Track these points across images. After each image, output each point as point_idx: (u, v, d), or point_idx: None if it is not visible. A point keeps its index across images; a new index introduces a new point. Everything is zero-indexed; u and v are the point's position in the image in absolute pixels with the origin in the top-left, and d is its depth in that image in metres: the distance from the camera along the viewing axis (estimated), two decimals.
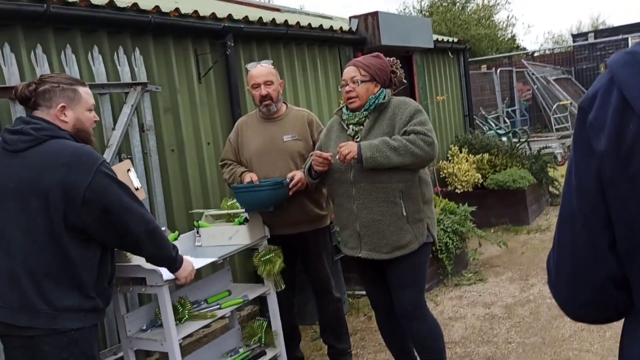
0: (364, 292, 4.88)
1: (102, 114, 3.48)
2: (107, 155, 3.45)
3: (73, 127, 2.22)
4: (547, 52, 20.30)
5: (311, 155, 3.01)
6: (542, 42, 27.58)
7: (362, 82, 2.89)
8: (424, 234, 2.89)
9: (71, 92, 2.22)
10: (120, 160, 3.58)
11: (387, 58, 3.05)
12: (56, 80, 2.22)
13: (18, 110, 2.89)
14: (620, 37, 15.51)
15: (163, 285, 2.72)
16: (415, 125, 2.80)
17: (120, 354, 3.18)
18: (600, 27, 25.31)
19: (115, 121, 3.54)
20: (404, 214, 2.82)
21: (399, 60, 3.09)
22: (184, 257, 2.60)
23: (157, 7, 3.87)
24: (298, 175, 3.24)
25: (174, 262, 2.49)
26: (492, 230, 6.58)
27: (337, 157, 2.82)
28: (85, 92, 2.28)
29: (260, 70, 3.36)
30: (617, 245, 0.89)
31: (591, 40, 17.08)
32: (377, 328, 4.21)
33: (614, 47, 16.35)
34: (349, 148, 2.78)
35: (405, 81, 3.12)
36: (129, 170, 2.92)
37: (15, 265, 2.11)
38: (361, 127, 2.92)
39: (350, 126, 2.95)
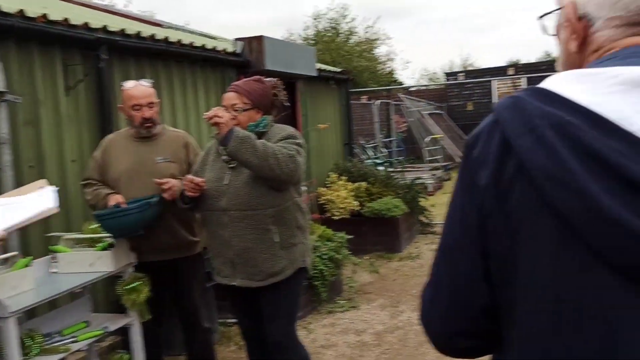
0: (236, 321, 4.76)
1: None
2: None
3: None
4: (423, 88, 21.58)
5: (184, 180, 2.89)
6: (419, 78, 29.36)
7: (244, 110, 2.83)
8: (298, 259, 2.87)
9: None
10: None
11: (269, 79, 3.02)
12: None
13: None
14: (486, 79, 16.89)
15: (8, 317, 2.45)
16: (282, 143, 2.79)
17: None
18: (470, 68, 27.42)
19: None
20: (277, 240, 2.78)
21: (281, 82, 3.06)
22: None
23: (21, 10, 3.56)
24: (172, 182, 3.06)
25: None
26: (366, 257, 6.74)
27: (204, 115, 2.76)
28: None
29: (143, 90, 3.19)
30: (491, 277, 0.93)
31: (461, 79, 18.45)
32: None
33: (480, 87, 17.76)
34: (223, 115, 2.70)
35: (288, 103, 3.10)
36: (41, 187, 2.62)
37: None
38: None
39: (224, 151, 2.85)
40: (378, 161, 10.55)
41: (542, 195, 0.80)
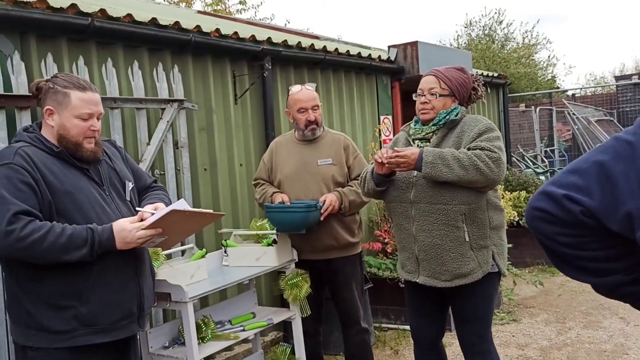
0: (391, 325, 4.73)
1: (138, 129, 3.50)
2: None
3: (57, 132, 2.09)
4: (589, 93, 19.97)
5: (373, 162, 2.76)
6: (584, 83, 27.18)
7: (440, 95, 2.70)
8: (488, 262, 2.62)
9: (61, 96, 2.07)
10: (153, 176, 3.58)
11: (472, 72, 2.92)
12: (55, 80, 2.11)
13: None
14: None
15: (188, 302, 2.67)
16: (482, 141, 2.57)
17: None
18: None
19: (150, 136, 3.55)
20: (467, 239, 2.58)
21: (482, 76, 2.96)
22: (117, 223, 2.06)
23: (198, 26, 3.91)
24: (329, 198, 3.17)
25: (91, 253, 2.01)
26: (527, 270, 6.35)
27: (388, 154, 2.55)
28: (79, 98, 2.08)
29: (308, 94, 3.31)
30: None
31: (635, 80, 16.73)
32: None
33: None
34: (410, 152, 2.53)
35: (484, 101, 2.94)
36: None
37: None
38: (427, 143, 2.71)
39: (416, 142, 2.74)
40: (538, 170, 9.92)
41: None
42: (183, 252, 3.23)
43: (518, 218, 6.76)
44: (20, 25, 3.04)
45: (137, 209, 2.21)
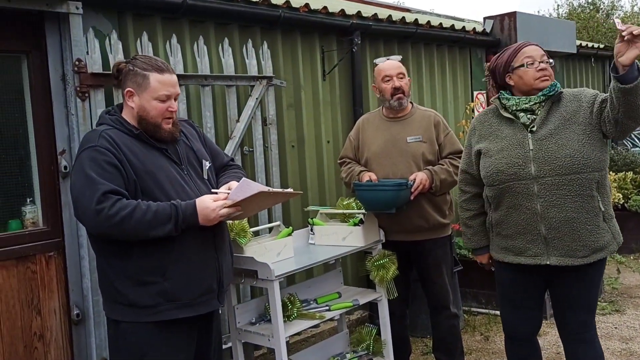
0: (482, 310, 4.56)
1: (228, 106, 3.52)
2: (230, 146, 3.47)
3: (137, 114, 2.14)
4: None
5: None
6: None
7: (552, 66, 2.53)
8: (619, 232, 2.48)
9: (140, 78, 2.12)
10: (242, 153, 3.61)
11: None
12: (135, 62, 2.15)
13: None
14: None
15: (274, 280, 2.67)
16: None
17: (229, 344, 3.17)
18: None
19: (239, 113, 3.57)
20: (602, 208, 2.41)
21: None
22: (200, 200, 2.10)
23: (287, 2, 3.87)
24: (420, 177, 3.05)
25: (176, 227, 2.05)
26: (632, 257, 5.91)
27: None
28: (158, 80, 2.11)
29: (391, 63, 3.25)
30: None
31: None
32: (494, 350, 3.90)
33: None
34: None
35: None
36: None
37: None
38: (533, 115, 2.47)
39: (521, 114, 2.49)
40: None
41: None
42: (270, 229, 3.24)
43: (623, 201, 6.30)
44: (118, 5, 3.12)
45: (213, 190, 2.24)
